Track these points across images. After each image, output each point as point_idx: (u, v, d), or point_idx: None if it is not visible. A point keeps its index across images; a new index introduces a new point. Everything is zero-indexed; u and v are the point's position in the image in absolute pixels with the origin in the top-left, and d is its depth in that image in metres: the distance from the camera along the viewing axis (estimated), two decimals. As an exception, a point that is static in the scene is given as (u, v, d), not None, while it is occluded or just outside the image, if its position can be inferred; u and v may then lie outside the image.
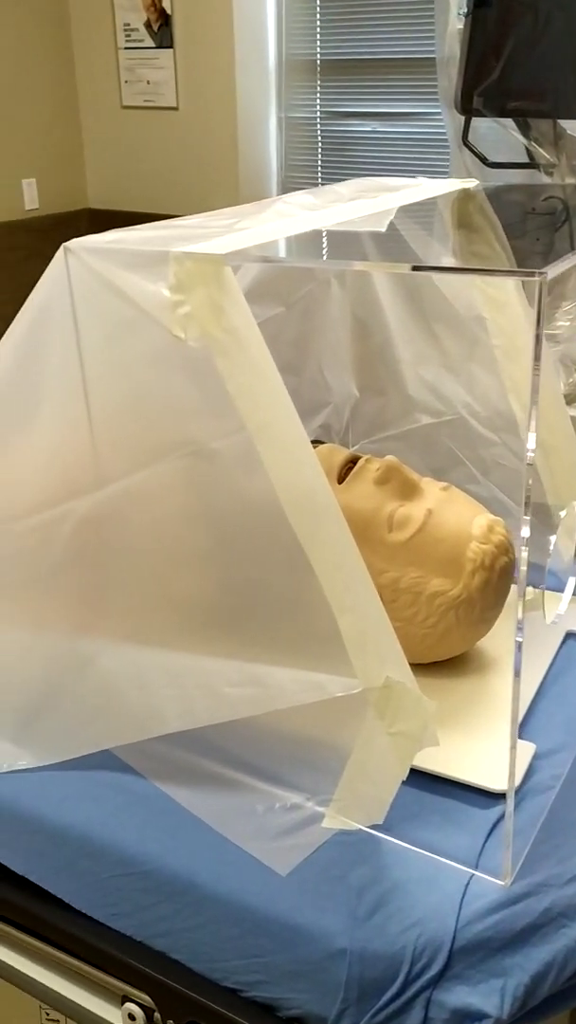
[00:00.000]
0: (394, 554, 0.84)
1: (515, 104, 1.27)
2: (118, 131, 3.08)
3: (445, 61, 1.32)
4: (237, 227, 0.71)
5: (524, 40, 1.21)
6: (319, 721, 0.73)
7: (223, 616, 0.74)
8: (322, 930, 0.66)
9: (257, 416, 0.64)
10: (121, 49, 2.96)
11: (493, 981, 0.64)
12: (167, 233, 0.70)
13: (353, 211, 0.78)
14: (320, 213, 0.77)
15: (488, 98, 1.23)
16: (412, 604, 0.84)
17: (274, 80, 2.92)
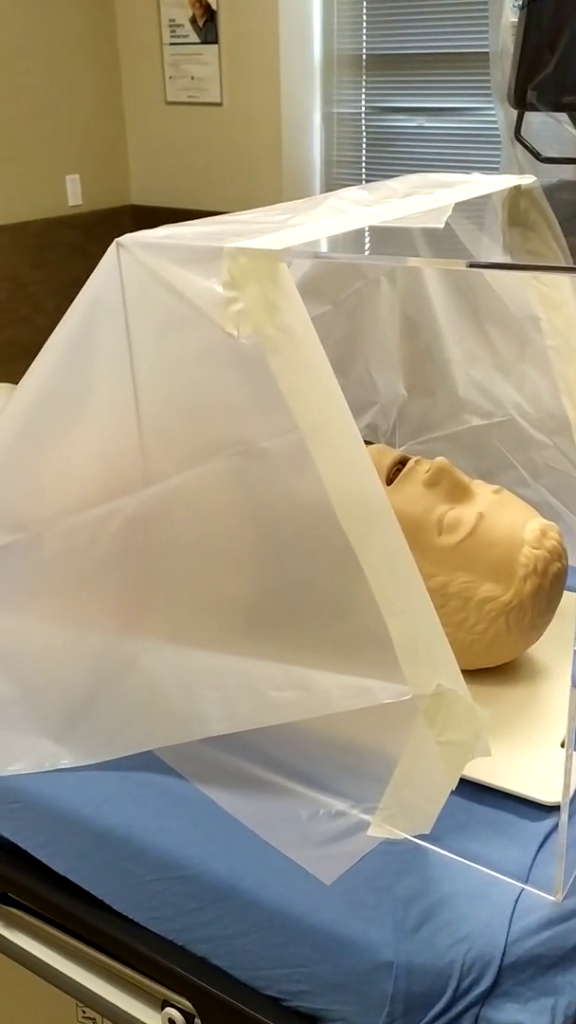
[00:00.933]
0: (444, 558, 0.82)
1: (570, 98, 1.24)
2: (162, 127, 3.08)
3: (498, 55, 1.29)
4: (291, 223, 0.70)
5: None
6: (366, 727, 0.72)
7: (269, 618, 0.73)
8: (368, 942, 0.64)
9: (310, 416, 0.63)
10: (166, 45, 2.96)
11: (544, 999, 0.62)
12: (220, 229, 0.69)
13: (408, 207, 0.77)
14: (375, 209, 0.76)
15: (542, 92, 1.20)
16: (461, 609, 0.82)
17: (319, 76, 2.90)
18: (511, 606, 0.81)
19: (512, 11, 1.19)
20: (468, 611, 0.82)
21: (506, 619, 0.82)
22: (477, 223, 0.97)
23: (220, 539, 0.72)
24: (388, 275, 1.08)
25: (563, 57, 1.17)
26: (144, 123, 3.12)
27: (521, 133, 1.27)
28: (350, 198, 0.78)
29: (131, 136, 3.17)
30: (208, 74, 2.91)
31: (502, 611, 0.81)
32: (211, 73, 2.90)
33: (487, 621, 0.82)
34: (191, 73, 2.94)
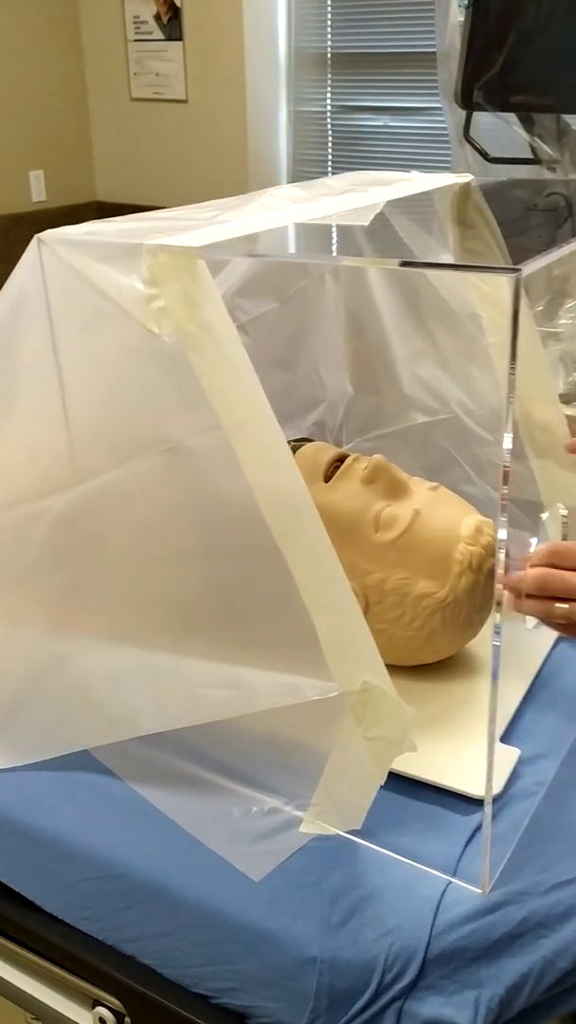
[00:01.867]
0: (380, 555, 0.82)
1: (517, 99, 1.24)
2: (127, 123, 3.07)
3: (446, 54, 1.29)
4: (218, 220, 0.70)
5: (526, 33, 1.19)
6: (299, 725, 0.72)
7: (201, 617, 0.73)
8: (293, 938, 0.64)
9: (232, 414, 0.63)
10: (130, 41, 2.95)
11: (467, 992, 0.62)
12: (144, 225, 0.69)
13: (340, 205, 0.77)
14: (305, 207, 0.76)
15: (489, 92, 1.20)
16: (398, 606, 0.82)
17: (284, 74, 2.90)
18: (447, 602, 0.82)
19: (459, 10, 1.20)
20: (405, 607, 0.82)
21: (442, 615, 0.82)
22: (419, 222, 0.98)
23: (150, 537, 0.72)
24: (333, 273, 1.08)
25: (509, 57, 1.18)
26: (109, 119, 3.11)
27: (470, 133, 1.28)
28: (282, 195, 0.78)
29: (96, 132, 3.15)
30: (173, 71, 2.90)
31: (438, 607, 0.82)
32: (176, 70, 2.90)
33: (423, 617, 0.82)
34: (156, 70, 2.93)
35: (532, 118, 1.31)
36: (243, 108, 2.83)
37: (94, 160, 3.18)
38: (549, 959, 0.63)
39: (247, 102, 2.83)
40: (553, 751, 0.79)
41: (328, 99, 2.87)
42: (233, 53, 2.78)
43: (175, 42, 2.86)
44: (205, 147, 2.94)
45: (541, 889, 0.66)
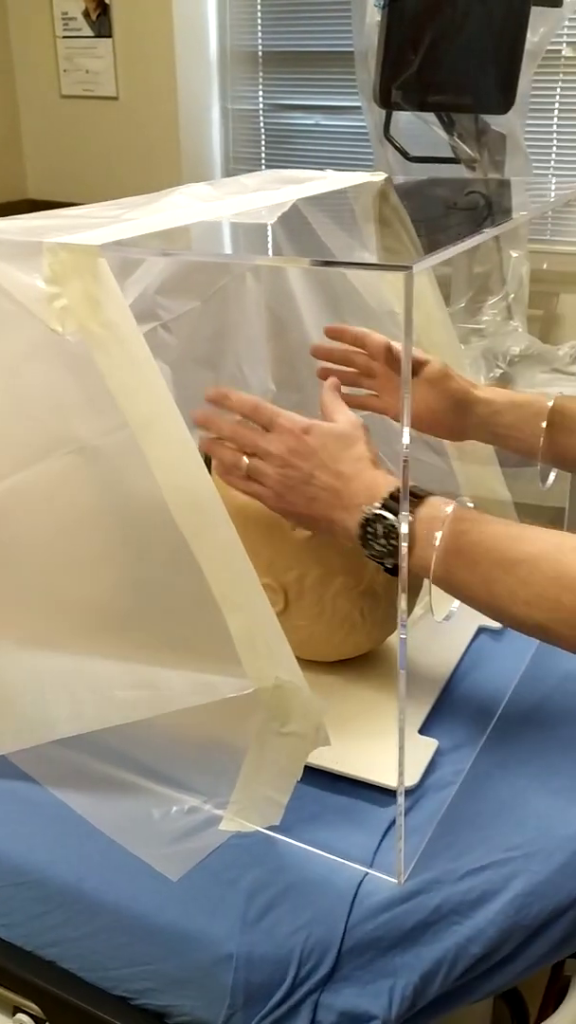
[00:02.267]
0: (298, 552, 0.83)
1: (435, 98, 1.26)
2: (57, 121, 3.03)
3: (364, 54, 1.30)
4: (124, 218, 0.70)
5: (442, 34, 1.20)
6: (217, 723, 0.72)
7: (116, 618, 0.72)
8: (210, 935, 0.64)
9: (139, 413, 0.63)
10: (59, 38, 2.91)
11: (382, 981, 0.63)
12: (49, 223, 0.68)
13: (250, 203, 0.77)
14: (214, 204, 0.76)
15: (407, 92, 1.22)
16: (317, 603, 0.83)
17: (216, 71, 2.89)
18: (364, 597, 0.82)
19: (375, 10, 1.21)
20: (324, 603, 0.83)
21: (360, 610, 0.83)
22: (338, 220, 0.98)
23: (61, 539, 0.71)
24: (254, 272, 1.08)
25: (426, 57, 1.19)
26: (39, 117, 3.06)
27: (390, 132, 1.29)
28: (192, 193, 0.78)
29: (26, 130, 3.10)
30: (103, 68, 2.87)
31: (356, 602, 0.82)
32: (106, 67, 2.87)
33: (342, 613, 0.83)
34: (86, 67, 2.90)
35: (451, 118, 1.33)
36: (175, 105, 2.81)
37: (24, 158, 3.13)
38: (462, 945, 0.65)
39: (179, 99, 2.81)
40: (471, 741, 0.81)
41: (260, 97, 2.87)
42: (163, 50, 2.76)
43: (104, 39, 2.83)
44: (137, 144, 2.91)
45: (454, 877, 0.67)
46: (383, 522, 0.67)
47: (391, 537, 0.67)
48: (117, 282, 0.64)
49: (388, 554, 0.68)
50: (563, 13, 1.34)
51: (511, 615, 0.64)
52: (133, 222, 0.67)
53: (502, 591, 0.63)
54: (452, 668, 0.90)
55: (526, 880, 0.67)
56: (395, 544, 0.67)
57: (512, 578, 0.63)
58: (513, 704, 0.85)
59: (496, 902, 0.66)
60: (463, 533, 0.65)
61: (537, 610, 0.62)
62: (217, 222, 0.77)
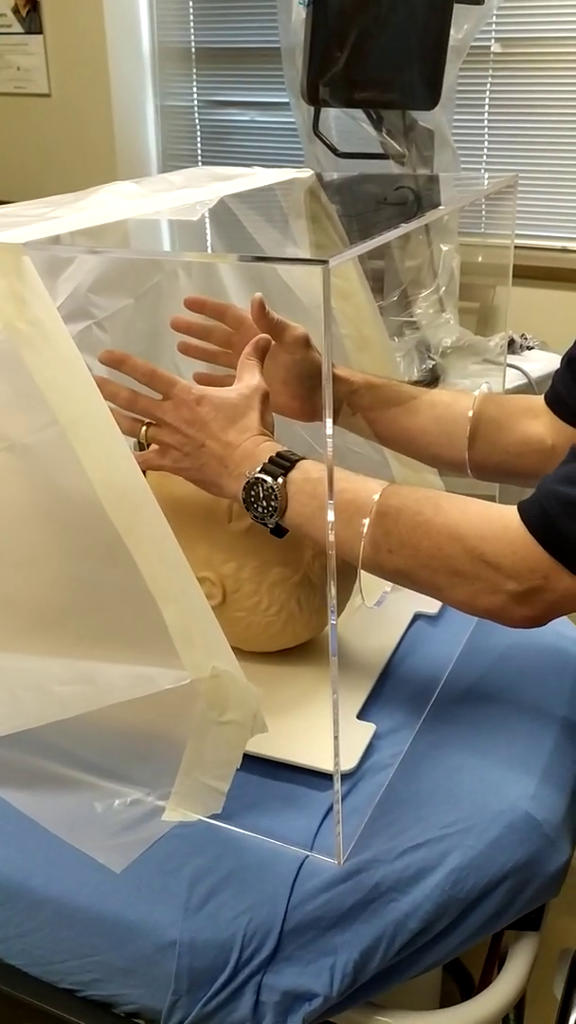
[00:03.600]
0: (235, 544, 0.84)
1: (362, 95, 1.28)
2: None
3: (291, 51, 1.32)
4: (49, 216, 0.70)
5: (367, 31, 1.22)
6: (157, 715, 0.73)
7: (52, 614, 0.73)
8: (153, 924, 0.65)
9: (68, 409, 0.63)
10: (-11, 34, 2.87)
11: (323, 960, 0.65)
12: (-27, 223, 0.68)
13: (176, 200, 0.78)
14: (140, 202, 0.76)
15: (334, 88, 1.23)
16: (255, 593, 0.84)
17: (150, 68, 2.88)
18: (301, 587, 0.84)
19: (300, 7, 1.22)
20: (261, 594, 0.84)
21: (297, 600, 0.84)
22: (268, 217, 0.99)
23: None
24: (185, 268, 1.09)
25: (352, 54, 1.21)
26: (-30, 114, 3.02)
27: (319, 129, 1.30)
28: (119, 191, 0.79)
29: (-43, 127, 3.05)
30: (34, 64, 2.84)
31: (292, 592, 0.84)
32: (37, 64, 2.83)
33: (279, 603, 0.84)
34: (16, 64, 2.86)
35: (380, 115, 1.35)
36: (108, 102, 2.79)
37: (-44, 155, 3.08)
38: (401, 921, 0.66)
39: (112, 96, 2.79)
40: (408, 724, 0.83)
41: (195, 94, 2.86)
42: (95, 47, 2.74)
43: (35, 35, 2.80)
44: (71, 141, 2.89)
45: (392, 855, 0.69)
46: (263, 485, 0.72)
47: (271, 499, 0.72)
48: (47, 281, 0.65)
49: (269, 514, 0.73)
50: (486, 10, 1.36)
51: (377, 563, 0.70)
52: (58, 220, 0.67)
53: (369, 541, 0.69)
54: (389, 654, 0.92)
55: (461, 855, 0.69)
56: (275, 505, 0.72)
57: (378, 529, 0.69)
58: (449, 686, 0.88)
59: (432, 877, 0.68)
60: (340, 492, 0.70)
61: (399, 557, 0.68)
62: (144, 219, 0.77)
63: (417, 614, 0.98)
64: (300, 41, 1.22)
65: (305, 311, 1.03)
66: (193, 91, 2.85)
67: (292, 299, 1.04)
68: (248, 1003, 0.64)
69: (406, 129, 1.35)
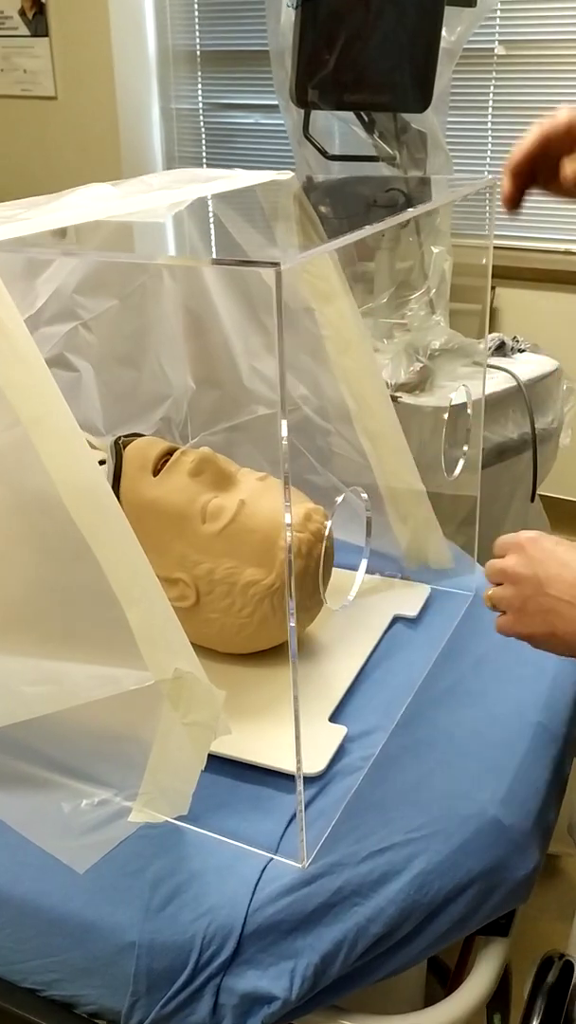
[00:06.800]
0: (208, 545, 0.84)
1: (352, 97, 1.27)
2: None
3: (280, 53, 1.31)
4: (20, 217, 0.70)
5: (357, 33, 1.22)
6: (125, 716, 0.73)
7: (19, 614, 0.73)
8: (114, 925, 0.65)
9: (29, 409, 0.63)
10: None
11: (283, 963, 0.64)
12: None
13: (150, 202, 0.78)
14: (113, 203, 0.76)
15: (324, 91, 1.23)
16: (228, 595, 0.84)
17: (155, 71, 2.88)
18: (274, 589, 0.84)
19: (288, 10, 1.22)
20: (234, 596, 0.84)
21: (271, 602, 0.84)
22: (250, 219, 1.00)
23: (-37, 537, 0.72)
24: (170, 270, 1.09)
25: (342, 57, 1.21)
26: (-23, 117, 3.04)
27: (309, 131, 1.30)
28: (92, 193, 0.79)
29: (-36, 130, 3.08)
30: (40, 67, 2.85)
31: (266, 594, 0.84)
32: (43, 66, 2.85)
33: (252, 605, 0.84)
34: (23, 66, 2.88)
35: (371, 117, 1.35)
36: (114, 105, 2.80)
37: (-37, 158, 3.10)
38: (363, 925, 0.66)
39: (118, 99, 2.80)
40: (381, 727, 0.82)
41: (200, 96, 2.87)
42: (101, 49, 2.75)
43: (41, 38, 2.81)
44: (77, 144, 2.90)
45: (356, 859, 0.68)
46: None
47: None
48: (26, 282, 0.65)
49: None
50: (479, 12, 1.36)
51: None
52: (25, 222, 0.68)
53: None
54: (366, 656, 0.91)
55: (426, 860, 0.69)
56: None
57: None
58: (425, 689, 0.87)
59: (397, 882, 0.67)
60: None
61: None
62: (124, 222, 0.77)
63: (396, 616, 0.98)
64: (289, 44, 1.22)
65: (291, 312, 1.03)
66: (198, 94, 2.85)
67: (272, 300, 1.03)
68: (207, 1005, 0.63)
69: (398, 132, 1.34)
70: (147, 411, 1.15)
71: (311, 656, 0.92)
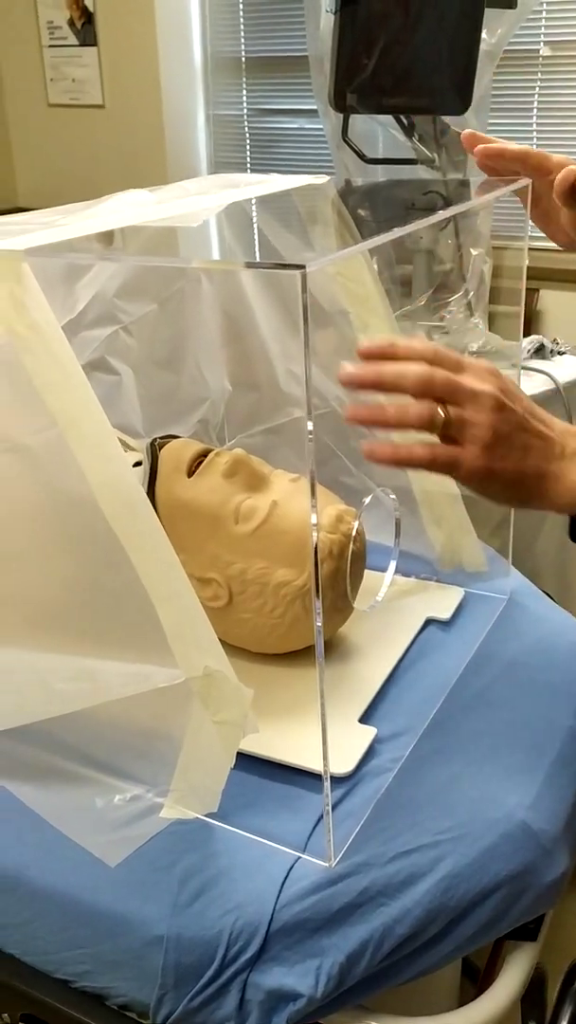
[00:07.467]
0: (241, 546, 0.85)
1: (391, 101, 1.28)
2: (46, 129, 3.06)
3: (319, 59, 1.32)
4: (57, 223, 0.72)
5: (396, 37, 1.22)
6: (156, 713, 0.74)
7: (54, 612, 0.74)
8: (143, 918, 0.66)
9: (65, 411, 0.65)
10: (45, 47, 2.94)
11: (309, 961, 0.65)
12: (-19, 231, 0.70)
13: (185, 207, 0.79)
14: (147, 209, 0.78)
15: (363, 95, 1.23)
16: (259, 595, 0.85)
17: (200, 78, 2.91)
18: (305, 589, 0.84)
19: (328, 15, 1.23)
20: (266, 596, 0.85)
21: (302, 602, 0.85)
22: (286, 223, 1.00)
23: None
24: (207, 274, 1.10)
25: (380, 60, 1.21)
26: (27, 125, 3.09)
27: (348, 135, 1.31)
28: (130, 199, 0.80)
29: (15, 138, 3.14)
30: (89, 76, 2.90)
31: (297, 595, 0.84)
32: (92, 75, 2.90)
33: (284, 605, 0.85)
34: (72, 75, 2.93)
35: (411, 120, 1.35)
36: (160, 112, 2.84)
37: (14, 167, 3.17)
38: (389, 925, 0.66)
39: (164, 106, 2.84)
40: (411, 729, 0.82)
41: (244, 102, 2.89)
42: (148, 58, 2.79)
43: (90, 47, 2.86)
44: (124, 151, 2.94)
45: (383, 860, 0.69)
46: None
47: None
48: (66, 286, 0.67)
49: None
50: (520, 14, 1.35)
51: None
52: (62, 228, 0.69)
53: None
54: (398, 658, 0.91)
55: (453, 862, 0.68)
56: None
57: None
58: (457, 692, 0.87)
59: (423, 884, 0.67)
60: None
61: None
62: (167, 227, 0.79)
63: (429, 619, 0.98)
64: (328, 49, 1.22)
65: (326, 315, 1.03)
66: (243, 100, 2.88)
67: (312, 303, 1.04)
68: (233, 1001, 0.64)
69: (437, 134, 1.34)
70: (185, 414, 1.16)
71: (343, 657, 0.92)
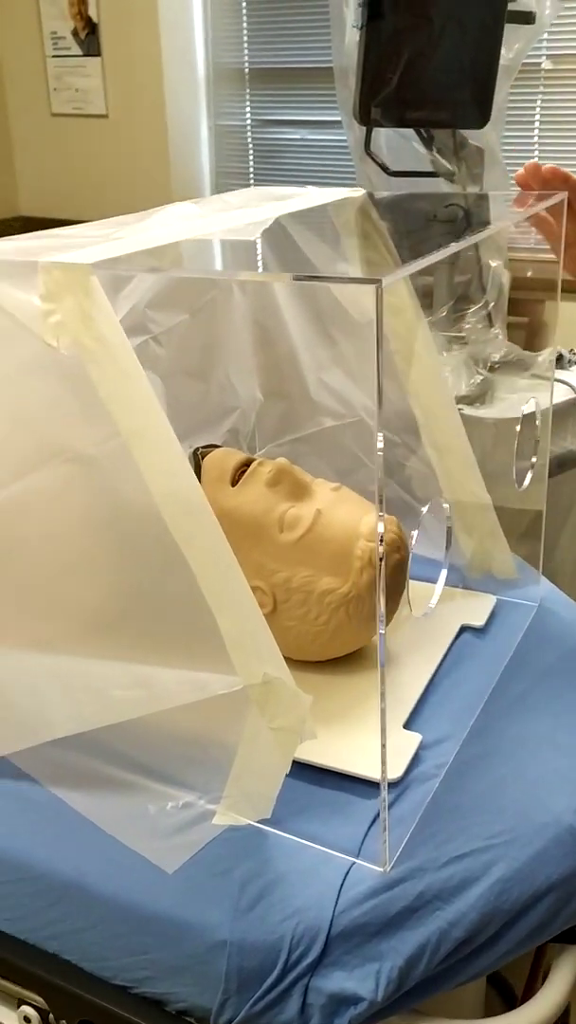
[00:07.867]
0: (285, 554, 0.86)
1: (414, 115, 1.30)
2: (49, 139, 3.07)
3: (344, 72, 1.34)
4: (114, 236, 0.73)
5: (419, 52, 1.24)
6: (210, 720, 0.75)
7: (111, 620, 0.75)
8: (204, 924, 0.67)
9: (129, 421, 0.66)
10: (49, 57, 2.95)
11: (369, 965, 0.66)
12: (43, 243, 0.71)
13: (234, 220, 0.80)
14: (200, 222, 0.79)
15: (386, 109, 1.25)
16: (304, 603, 0.86)
17: (204, 88, 2.93)
18: (349, 597, 0.85)
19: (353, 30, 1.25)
20: (310, 604, 0.86)
21: (346, 610, 0.86)
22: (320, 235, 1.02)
23: (58, 545, 0.74)
24: (240, 285, 1.11)
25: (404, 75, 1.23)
26: (30, 135, 3.10)
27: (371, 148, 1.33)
28: (178, 212, 0.81)
29: (18, 147, 3.14)
30: (92, 86, 2.92)
31: (341, 602, 0.85)
32: (95, 85, 2.91)
33: (328, 613, 0.86)
34: (75, 85, 2.94)
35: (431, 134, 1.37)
36: (163, 122, 2.85)
37: (17, 175, 3.17)
38: (445, 929, 0.67)
39: (167, 116, 2.85)
40: (453, 735, 0.83)
41: (248, 113, 2.91)
42: (151, 68, 2.80)
43: (93, 58, 2.87)
44: (127, 161, 2.95)
45: (437, 864, 0.70)
46: None
47: None
48: (108, 297, 0.68)
49: None
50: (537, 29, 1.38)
51: None
52: (122, 241, 0.70)
53: None
54: (436, 665, 0.92)
55: (506, 866, 0.70)
56: None
57: None
58: (495, 698, 0.88)
59: (477, 887, 0.68)
60: None
61: None
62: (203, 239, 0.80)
63: (464, 626, 0.99)
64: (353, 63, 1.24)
65: (357, 327, 1.05)
66: (246, 111, 2.90)
67: (344, 316, 1.06)
68: (296, 1005, 0.65)
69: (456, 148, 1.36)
70: (215, 423, 1.17)
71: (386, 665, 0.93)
